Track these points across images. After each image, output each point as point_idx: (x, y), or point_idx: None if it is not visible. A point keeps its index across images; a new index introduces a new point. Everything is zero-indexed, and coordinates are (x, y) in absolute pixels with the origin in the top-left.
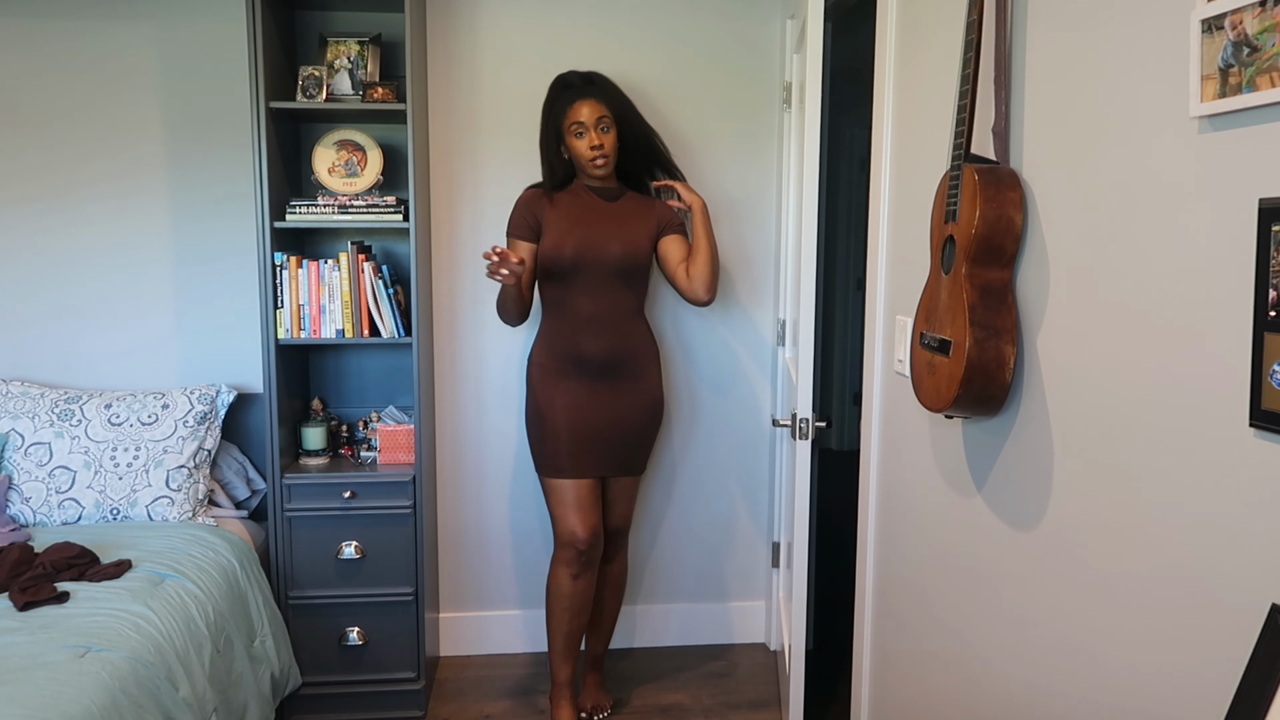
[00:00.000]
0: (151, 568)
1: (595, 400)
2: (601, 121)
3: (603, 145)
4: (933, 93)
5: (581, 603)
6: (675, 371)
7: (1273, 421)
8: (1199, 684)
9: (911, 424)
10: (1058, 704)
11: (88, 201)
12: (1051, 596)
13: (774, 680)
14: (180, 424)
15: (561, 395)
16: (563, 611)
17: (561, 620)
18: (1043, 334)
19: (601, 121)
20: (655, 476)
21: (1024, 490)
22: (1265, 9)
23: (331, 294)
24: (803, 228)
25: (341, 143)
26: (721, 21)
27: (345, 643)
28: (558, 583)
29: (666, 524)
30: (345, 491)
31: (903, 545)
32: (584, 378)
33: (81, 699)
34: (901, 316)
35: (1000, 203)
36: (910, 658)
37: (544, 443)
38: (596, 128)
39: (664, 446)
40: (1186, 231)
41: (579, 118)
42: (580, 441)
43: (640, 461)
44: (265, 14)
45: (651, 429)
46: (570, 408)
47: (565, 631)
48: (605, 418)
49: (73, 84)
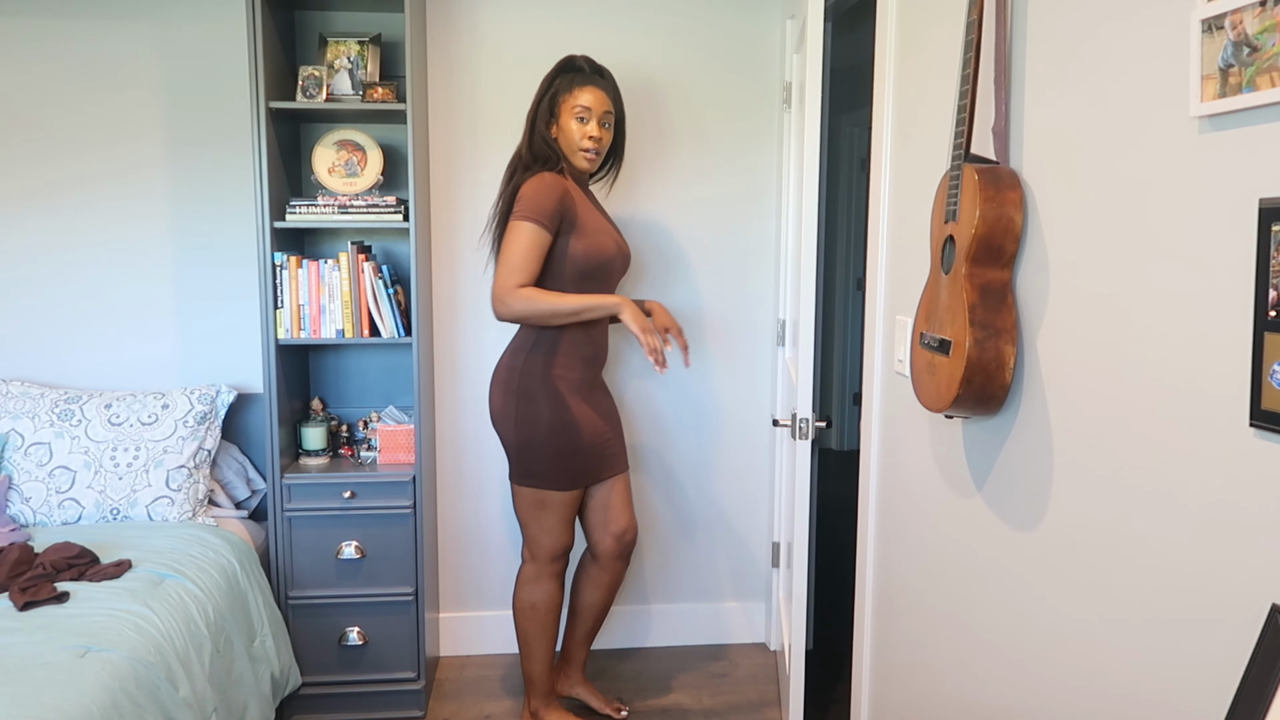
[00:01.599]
0: (151, 568)
1: (605, 402)
2: (606, 116)
3: (600, 139)
4: (933, 93)
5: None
6: (675, 371)
7: (1273, 421)
8: (1199, 684)
9: (911, 424)
10: (1058, 704)
11: (88, 201)
12: (1051, 596)
13: (774, 680)
14: (180, 424)
15: (591, 406)
16: (555, 623)
17: (554, 632)
18: (1043, 334)
19: (606, 116)
20: (656, 477)
21: (1024, 490)
22: (1265, 9)
23: (331, 294)
24: (803, 228)
25: (341, 143)
26: (721, 21)
27: (345, 643)
28: (551, 597)
29: (666, 524)
30: (345, 491)
31: (903, 545)
32: (598, 381)
33: (81, 699)
34: (901, 316)
35: (1000, 203)
36: (910, 658)
37: (568, 458)
38: (600, 120)
39: (664, 446)
40: (1186, 231)
41: (585, 102)
42: (602, 447)
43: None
44: (265, 14)
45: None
46: (593, 415)
47: (554, 642)
48: (609, 417)
49: (73, 84)
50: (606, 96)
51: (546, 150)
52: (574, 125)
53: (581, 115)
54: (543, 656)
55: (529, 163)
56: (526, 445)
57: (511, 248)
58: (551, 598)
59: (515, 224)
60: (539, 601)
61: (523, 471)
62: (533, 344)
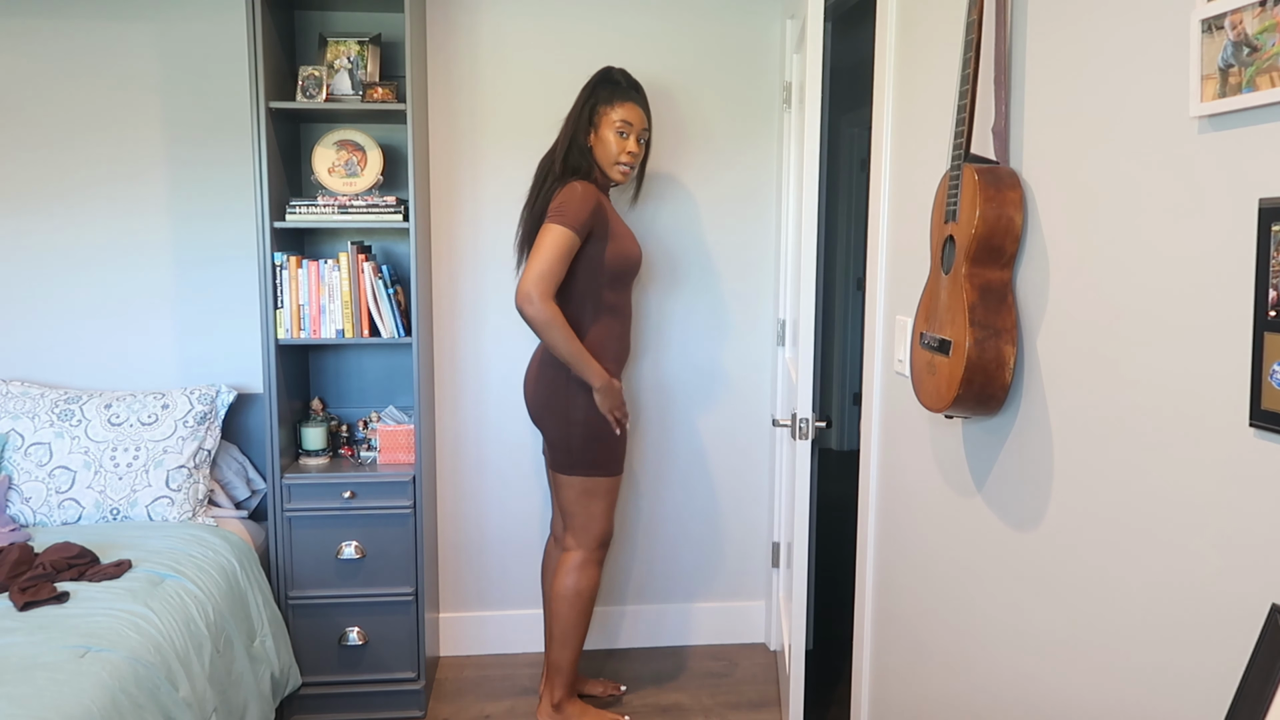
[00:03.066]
0: (151, 568)
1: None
2: (644, 133)
3: (637, 155)
4: (933, 93)
5: None
6: (675, 371)
7: (1273, 421)
8: (1199, 684)
9: (911, 424)
10: (1058, 704)
11: (88, 201)
12: (1051, 596)
13: (774, 680)
14: (180, 424)
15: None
16: (592, 611)
17: (589, 620)
18: (1043, 334)
19: (644, 133)
20: (656, 476)
21: (1024, 490)
22: (1265, 9)
23: (331, 294)
24: (803, 228)
25: (341, 143)
26: (721, 22)
27: (345, 643)
28: (595, 583)
29: (666, 524)
30: (345, 491)
31: (903, 545)
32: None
33: (81, 699)
34: (901, 316)
35: (1000, 203)
36: (910, 658)
37: (613, 446)
38: (639, 136)
39: (664, 446)
40: (1186, 231)
41: (629, 117)
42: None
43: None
44: (265, 14)
45: None
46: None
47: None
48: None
49: (73, 84)
50: (644, 114)
51: (581, 160)
52: (614, 139)
53: (623, 130)
54: (579, 644)
55: (561, 171)
56: (579, 435)
57: (544, 249)
58: (595, 584)
59: (551, 227)
60: (584, 588)
61: (572, 462)
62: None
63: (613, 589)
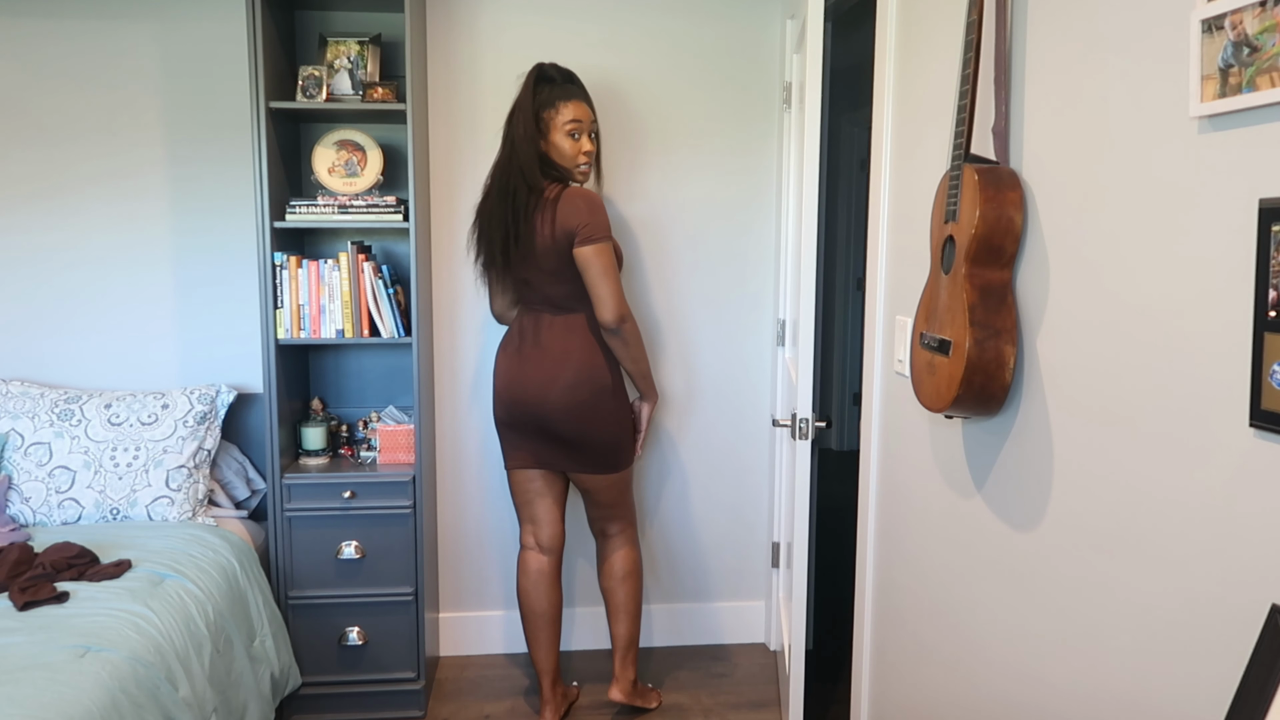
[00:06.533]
0: (151, 568)
1: None
2: (592, 126)
3: (592, 152)
4: (933, 93)
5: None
6: (675, 371)
7: (1273, 421)
8: (1199, 684)
9: (911, 424)
10: (1057, 704)
11: (88, 201)
12: (1052, 596)
13: (774, 680)
14: (180, 424)
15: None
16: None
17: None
18: (1043, 334)
19: (592, 126)
20: (655, 476)
21: (1024, 490)
22: (1265, 9)
23: (331, 294)
24: (803, 228)
25: (341, 143)
26: (721, 22)
27: (345, 643)
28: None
29: (665, 524)
30: (345, 491)
31: (903, 545)
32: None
33: (81, 699)
34: (901, 316)
35: (1000, 203)
36: (910, 658)
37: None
38: (589, 132)
39: (664, 446)
40: (1186, 231)
41: (577, 115)
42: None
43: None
44: (265, 14)
45: None
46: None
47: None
48: None
49: (73, 84)
50: (588, 107)
51: (550, 169)
52: (567, 142)
53: (573, 131)
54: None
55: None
56: (626, 435)
57: (607, 270)
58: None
59: (601, 246)
60: (640, 560)
61: (618, 460)
62: (604, 346)
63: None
